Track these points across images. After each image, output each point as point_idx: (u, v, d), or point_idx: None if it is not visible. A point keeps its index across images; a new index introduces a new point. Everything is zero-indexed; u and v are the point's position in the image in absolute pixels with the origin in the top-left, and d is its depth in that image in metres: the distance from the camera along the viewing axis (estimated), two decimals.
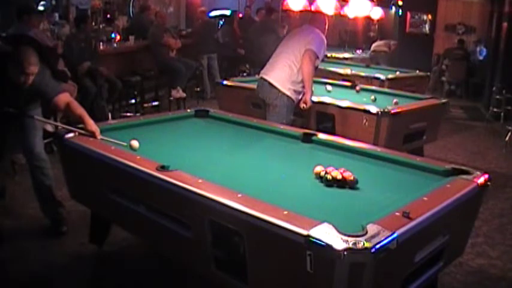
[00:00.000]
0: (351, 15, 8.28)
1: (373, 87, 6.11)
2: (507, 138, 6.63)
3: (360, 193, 2.51)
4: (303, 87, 4.41)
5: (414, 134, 4.77)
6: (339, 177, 2.50)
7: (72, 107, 3.31)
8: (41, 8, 8.19)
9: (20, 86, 3.16)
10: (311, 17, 4.90)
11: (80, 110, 3.27)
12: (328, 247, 1.77)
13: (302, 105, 4.43)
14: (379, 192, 2.52)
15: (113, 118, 6.33)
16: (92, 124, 3.14)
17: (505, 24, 8.76)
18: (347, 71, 7.25)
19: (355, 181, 2.50)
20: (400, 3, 12.96)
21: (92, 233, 3.43)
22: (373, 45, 10.32)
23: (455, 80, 10.84)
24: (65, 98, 3.34)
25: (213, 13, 12.23)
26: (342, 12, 7.43)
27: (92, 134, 3.08)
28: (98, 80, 6.29)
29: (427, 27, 12.84)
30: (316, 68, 4.52)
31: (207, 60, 8.92)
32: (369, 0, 7.62)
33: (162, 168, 2.49)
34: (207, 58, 8.90)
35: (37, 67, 3.17)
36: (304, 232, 1.84)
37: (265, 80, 4.45)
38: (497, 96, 8.14)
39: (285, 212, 1.99)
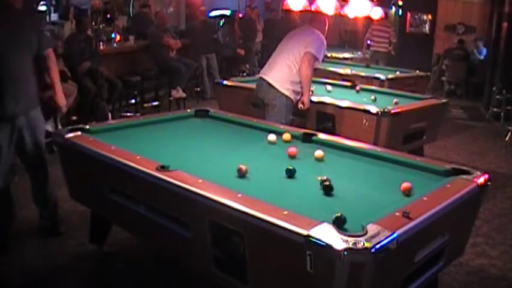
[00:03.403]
0: (351, 15, 8.26)
1: (373, 87, 6.11)
2: (507, 138, 6.62)
3: (360, 193, 2.51)
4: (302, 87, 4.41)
5: (414, 134, 4.77)
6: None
7: (51, 64, 3.37)
8: (41, 8, 8.18)
9: None
10: (311, 17, 4.89)
11: (55, 74, 3.33)
12: (328, 247, 1.77)
13: (300, 105, 4.43)
14: (379, 192, 2.52)
15: (113, 118, 6.33)
16: (62, 97, 3.22)
17: (505, 24, 8.75)
18: (347, 71, 7.25)
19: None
20: (400, 3, 12.95)
21: (92, 233, 3.43)
22: (371, 32, 10.01)
23: (455, 80, 10.83)
24: (51, 53, 3.42)
25: (213, 13, 12.23)
26: (342, 12, 7.41)
27: (58, 108, 3.14)
28: (98, 80, 6.28)
29: (427, 27, 12.84)
30: (315, 69, 4.52)
31: (205, 61, 8.92)
32: (369, 0, 7.59)
33: (162, 168, 2.50)
34: (205, 58, 8.90)
35: None
36: (304, 232, 1.84)
37: (264, 80, 4.45)
38: (497, 96, 8.14)
39: (285, 212, 1.99)
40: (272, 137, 3.29)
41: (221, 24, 11.38)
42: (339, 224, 1.92)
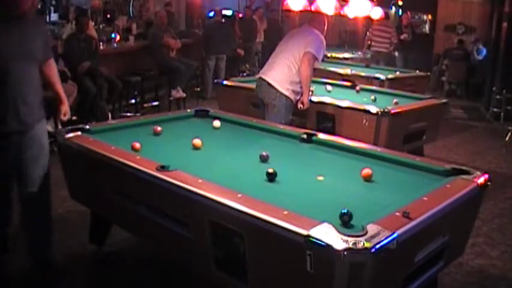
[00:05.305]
0: (351, 15, 8.26)
1: (373, 87, 6.11)
2: (507, 138, 6.62)
3: (360, 193, 2.51)
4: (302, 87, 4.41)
5: (414, 134, 4.77)
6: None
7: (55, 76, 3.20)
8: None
9: None
10: (310, 17, 4.89)
11: (59, 86, 3.20)
12: (328, 247, 1.77)
13: (299, 105, 4.44)
14: (379, 192, 2.52)
15: (113, 118, 6.33)
16: (65, 104, 3.17)
17: (505, 24, 8.74)
18: (347, 71, 7.25)
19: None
20: (400, 3, 12.95)
21: (92, 233, 3.43)
22: (372, 32, 9.96)
23: (455, 80, 10.83)
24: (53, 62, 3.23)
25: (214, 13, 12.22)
26: (342, 12, 7.41)
27: (62, 114, 3.12)
28: (98, 80, 6.28)
29: (427, 27, 12.83)
30: (314, 69, 4.52)
31: (215, 61, 8.91)
32: (369, 0, 7.60)
33: (162, 168, 2.50)
34: (215, 59, 8.90)
35: None
36: (304, 232, 1.84)
37: (264, 80, 4.45)
38: (497, 96, 8.14)
39: (285, 212, 2.00)
40: (217, 123, 3.63)
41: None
42: (346, 219, 1.93)
